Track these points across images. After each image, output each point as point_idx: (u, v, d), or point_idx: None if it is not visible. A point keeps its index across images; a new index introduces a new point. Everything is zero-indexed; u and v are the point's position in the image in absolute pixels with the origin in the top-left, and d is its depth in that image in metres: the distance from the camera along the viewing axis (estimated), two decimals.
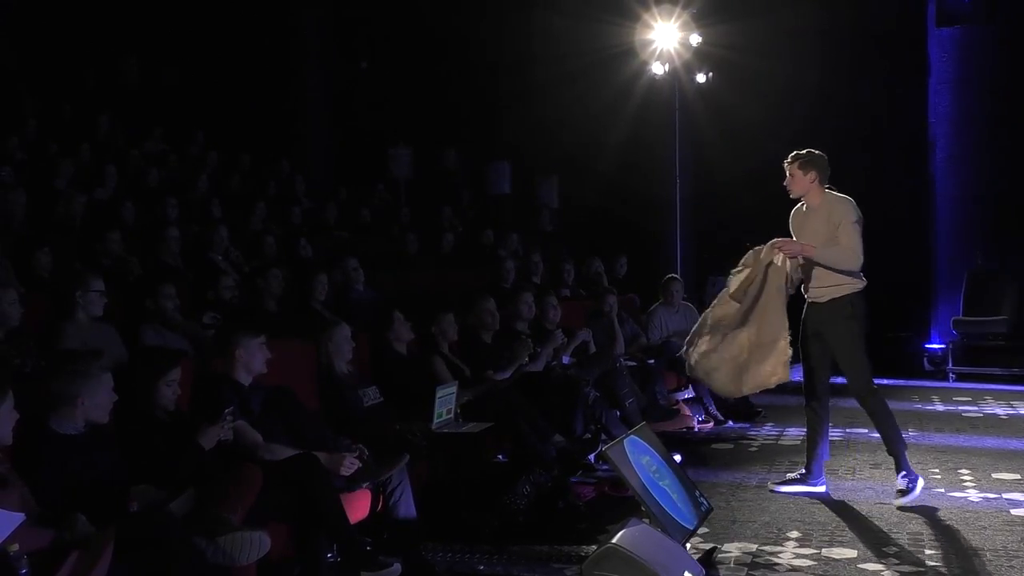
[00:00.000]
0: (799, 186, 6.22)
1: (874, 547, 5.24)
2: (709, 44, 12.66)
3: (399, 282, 9.43)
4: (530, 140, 13.95)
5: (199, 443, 4.42)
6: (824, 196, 6.18)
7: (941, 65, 12.94)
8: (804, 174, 6.16)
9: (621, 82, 12.99)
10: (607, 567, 4.41)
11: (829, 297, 6.08)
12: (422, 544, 5.19)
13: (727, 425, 9.09)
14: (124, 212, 8.99)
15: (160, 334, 6.11)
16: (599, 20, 12.65)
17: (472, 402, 6.52)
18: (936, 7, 12.96)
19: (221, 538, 3.94)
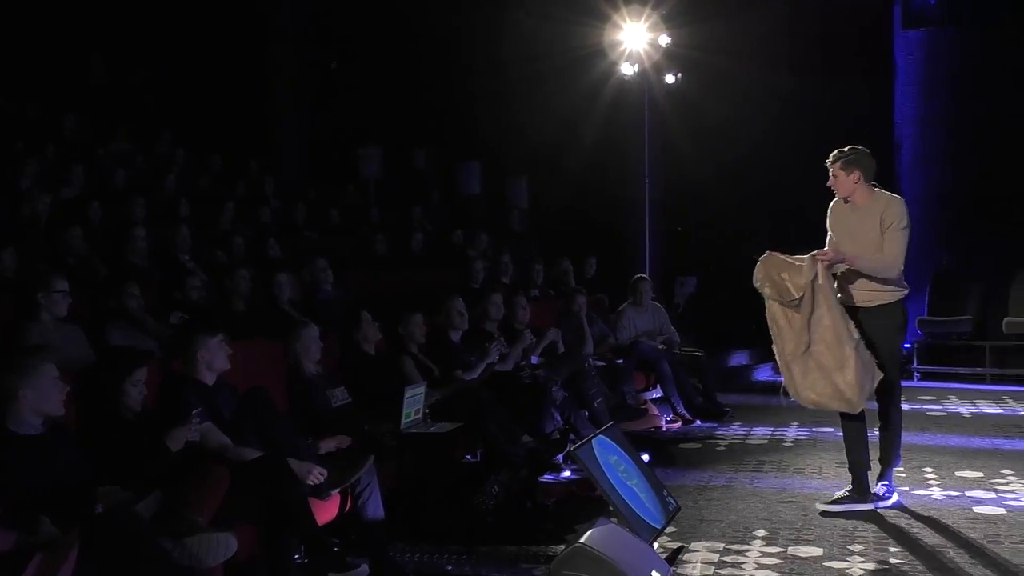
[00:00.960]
0: (844, 187, 5.92)
1: (840, 545, 5.28)
2: (678, 45, 12.71)
3: (368, 282, 9.40)
4: (500, 140, 13.97)
5: (166, 444, 4.39)
6: (873, 195, 5.93)
7: (907, 67, 13.06)
8: (847, 174, 5.87)
9: (591, 83, 13.01)
10: (575, 567, 4.42)
11: (878, 303, 5.86)
12: (390, 545, 5.18)
13: (695, 425, 9.12)
14: (91, 212, 8.92)
15: (127, 334, 6.07)
16: (569, 21, 12.66)
17: (441, 402, 6.50)
18: (902, 9, 13.09)
19: (188, 539, 3.92)
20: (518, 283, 10.05)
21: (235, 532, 4.12)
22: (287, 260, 9.16)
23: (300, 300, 7.90)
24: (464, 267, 10.07)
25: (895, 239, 5.81)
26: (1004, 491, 6.36)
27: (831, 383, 5.72)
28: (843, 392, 5.69)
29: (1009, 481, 6.62)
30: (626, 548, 4.58)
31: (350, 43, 15.15)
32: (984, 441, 8.02)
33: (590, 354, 8.76)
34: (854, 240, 5.88)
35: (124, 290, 6.38)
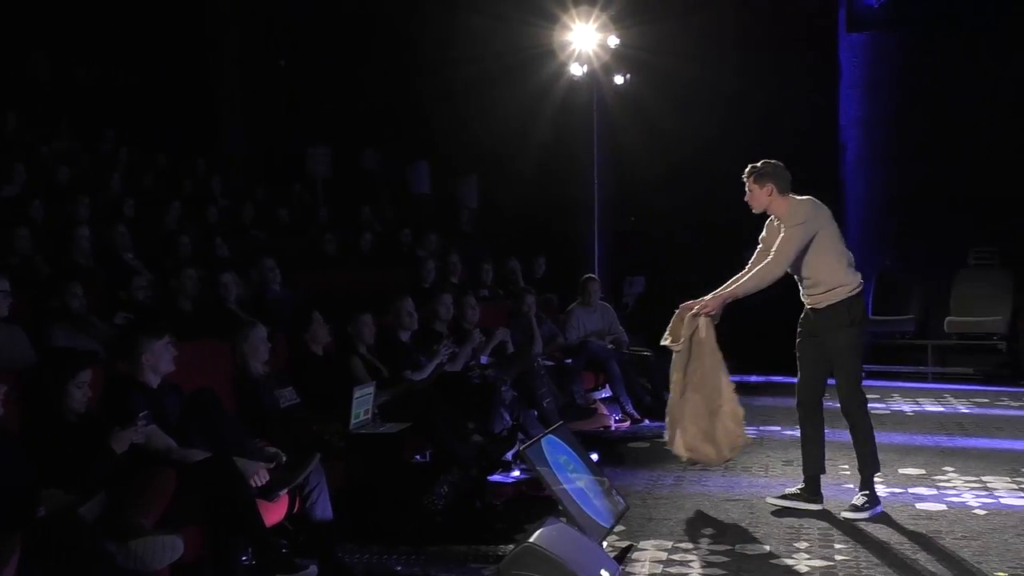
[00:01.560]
0: (758, 201, 5.92)
1: (786, 543, 5.33)
2: (627, 46, 12.77)
3: (317, 282, 9.35)
4: (450, 140, 13.94)
5: (110, 446, 4.33)
6: (788, 204, 5.87)
7: (852, 69, 13.21)
8: (760, 187, 5.86)
9: (540, 83, 13.03)
10: (525, 566, 4.42)
11: (827, 303, 5.81)
12: (339, 546, 5.16)
13: (643, 424, 9.16)
14: (33, 210, 8.78)
15: (70, 335, 5.99)
16: (518, 21, 12.67)
17: (390, 403, 6.49)
18: (847, 13, 13.23)
19: (133, 542, 3.88)
20: (467, 283, 10.05)
21: (181, 534, 4.08)
22: (235, 260, 9.09)
23: (248, 300, 7.84)
24: (414, 267, 10.05)
25: (785, 238, 5.76)
26: (945, 488, 6.46)
27: (700, 431, 5.92)
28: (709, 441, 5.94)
29: (950, 478, 6.73)
30: (575, 547, 4.59)
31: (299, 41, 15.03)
32: (926, 439, 8.15)
33: (539, 354, 8.77)
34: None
35: (67, 290, 6.30)
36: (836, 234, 5.88)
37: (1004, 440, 8.13)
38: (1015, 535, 5.39)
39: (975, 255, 12.41)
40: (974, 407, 9.92)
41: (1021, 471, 6.90)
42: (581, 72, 12.72)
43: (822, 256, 5.79)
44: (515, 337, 8.66)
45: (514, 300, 9.49)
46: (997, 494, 6.30)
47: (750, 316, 13.33)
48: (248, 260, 8.69)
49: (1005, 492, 6.34)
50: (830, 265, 5.80)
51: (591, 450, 6.25)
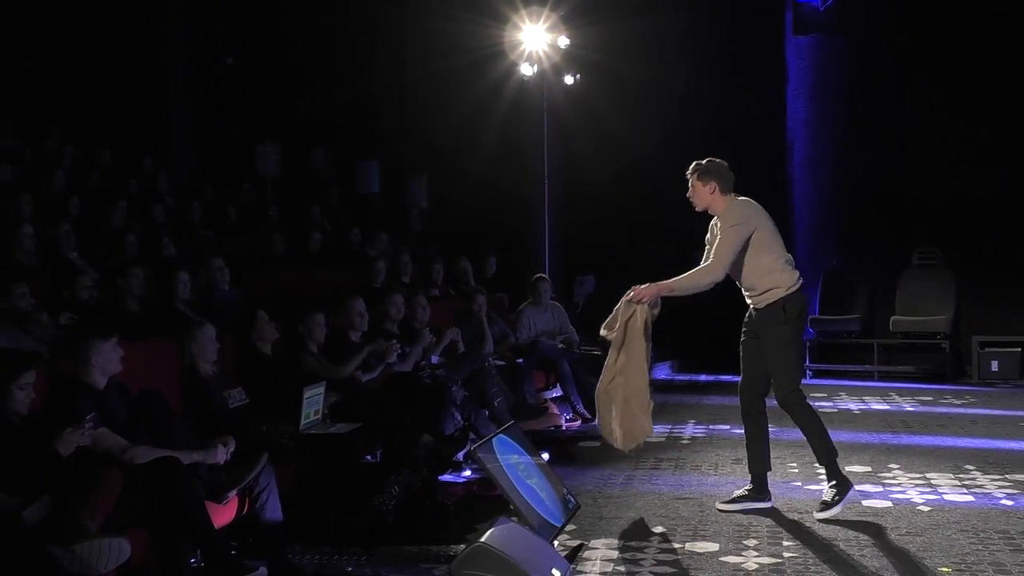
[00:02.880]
0: (700, 198, 5.89)
1: (735, 540, 5.37)
2: (577, 46, 12.82)
3: (266, 282, 9.28)
4: (400, 139, 13.92)
5: (55, 448, 4.26)
6: (726, 204, 5.86)
7: (798, 71, 13.36)
8: (703, 184, 5.84)
9: (491, 83, 13.04)
10: (476, 566, 4.42)
11: (766, 303, 5.81)
12: (289, 547, 5.12)
13: (594, 423, 9.15)
14: None
15: (13, 336, 5.88)
16: (468, 21, 12.67)
17: (340, 403, 6.46)
18: (793, 16, 13.38)
19: (78, 546, 3.81)
20: (418, 283, 10.03)
21: (128, 536, 4.02)
22: (183, 259, 8.99)
23: (196, 300, 7.76)
24: (364, 267, 10.01)
25: (721, 240, 5.76)
26: (891, 485, 6.55)
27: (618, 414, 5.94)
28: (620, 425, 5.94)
29: (895, 475, 6.83)
30: (526, 546, 4.60)
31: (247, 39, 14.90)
32: (872, 436, 8.26)
33: (490, 354, 8.77)
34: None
35: (12, 290, 6.18)
36: (772, 234, 5.86)
37: (947, 438, 8.26)
38: (958, 531, 5.47)
39: (919, 255, 12.61)
40: (919, 405, 10.08)
41: (964, 468, 7.01)
42: (531, 72, 12.75)
43: (759, 257, 5.78)
44: (466, 337, 8.65)
45: (465, 300, 9.48)
46: (941, 491, 6.40)
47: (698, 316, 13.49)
48: (196, 259, 8.60)
49: (948, 489, 6.44)
50: (766, 265, 5.79)
51: (542, 449, 6.26)
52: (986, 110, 12.19)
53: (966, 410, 9.80)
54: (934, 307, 12.32)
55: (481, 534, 4.57)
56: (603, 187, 13.26)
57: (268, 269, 10.04)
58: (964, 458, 7.35)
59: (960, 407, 10.00)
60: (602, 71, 12.99)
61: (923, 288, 12.37)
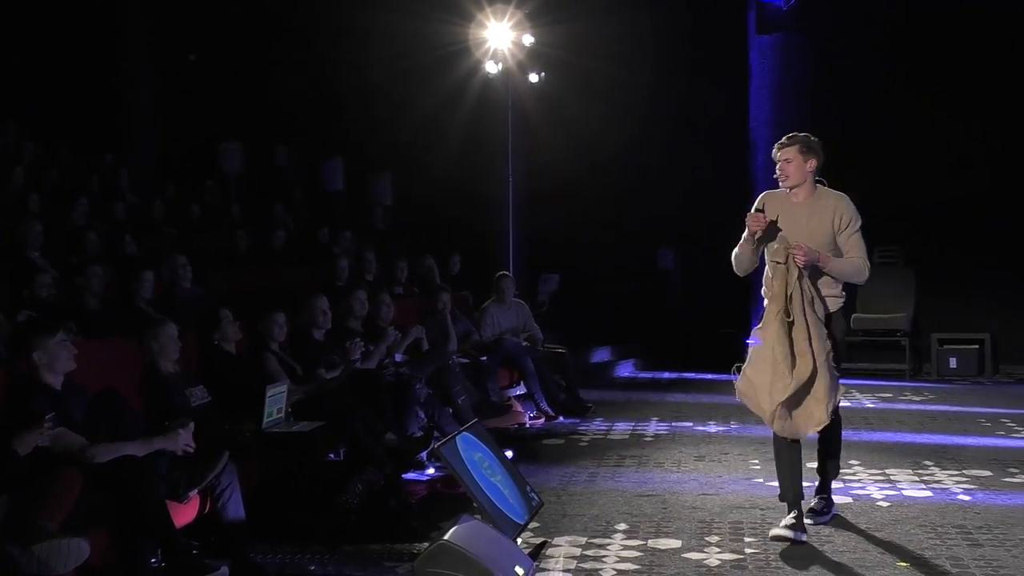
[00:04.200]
0: (797, 173, 5.26)
1: (697, 537, 5.39)
2: (542, 44, 12.84)
3: (229, 280, 9.22)
4: (364, 137, 13.88)
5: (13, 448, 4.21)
6: (819, 191, 5.31)
7: (761, 70, 13.43)
8: (805, 160, 5.23)
9: (456, 80, 13.03)
10: (439, 564, 4.41)
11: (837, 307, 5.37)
12: (251, 546, 5.09)
13: (558, 421, 9.21)
14: None
15: None
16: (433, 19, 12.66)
17: (304, 401, 6.43)
18: (756, 15, 13.45)
19: (36, 546, 3.77)
20: (382, 281, 10.01)
21: (88, 536, 3.98)
22: (145, 257, 8.91)
23: (158, 298, 7.70)
24: (328, 265, 9.97)
25: (858, 240, 5.28)
26: (851, 481, 6.61)
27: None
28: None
29: (855, 471, 6.89)
30: (490, 544, 4.60)
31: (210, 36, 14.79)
32: None
33: (454, 351, 8.77)
34: (799, 238, 5.15)
35: None
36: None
37: (907, 434, 8.36)
38: (917, 526, 5.53)
39: (880, 254, 12.69)
40: (879, 402, 10.18)
41: (923, 464, 7.09)
42: (496, 70, 12.74)
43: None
44: (430, 335, 8.63)
45: (429, 298, 9.47)
46: (900, 486, 6.47)
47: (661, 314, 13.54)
48: (158, 257, 8.53)
49: (908, 484, 6.51)
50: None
51: (506, 447, 6.25)
52: (947, 111, 12.33)
53: (925, 407, 9.91)
54: (894, 305, 12.44)
55: (445, 532, 4.57)
56: (568, 185, 13.29)
57: (231, 267, 9.98)
58: (923, 454, 7.43)
59: (919, 404, 10.11)
60: (567, 69, 13.02)
61: (883, 286, 12.45)
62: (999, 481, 6.58)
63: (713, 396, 10.54)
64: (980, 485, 6.47)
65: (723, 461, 7.30)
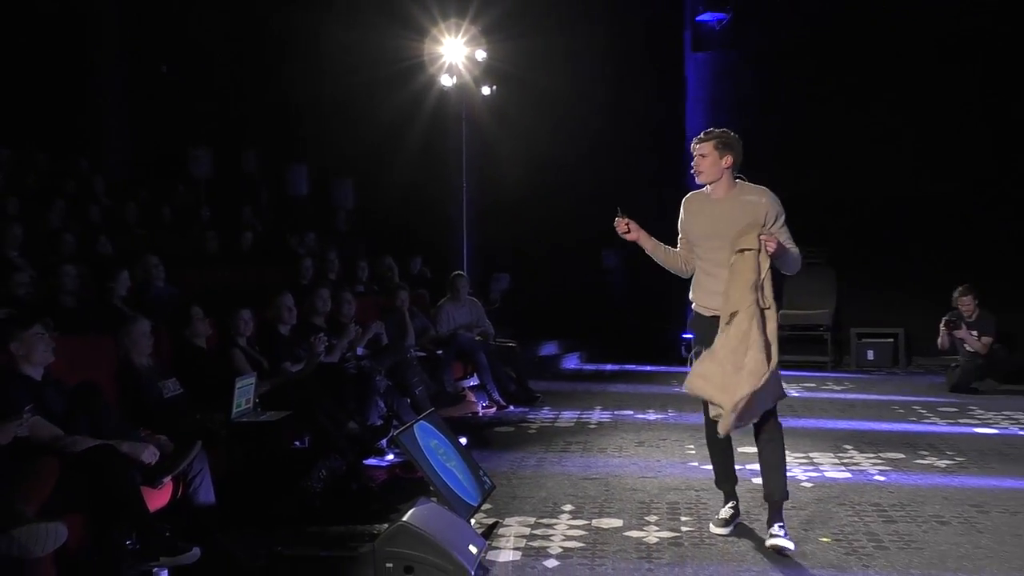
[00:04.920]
0: (712, 170, 4.88)
1: (637, 516, 5.44)
2: (494, 59, 12.86)
3: (199, 279, 9.12)
4: (327, 144, 13.81)
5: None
6: (739, 186, 4.91)
7: (697, 85, 13.53)
8: (720, 156, 4.86)
9: (413, 92, 13.02)
10: (398, 544, 4.41)
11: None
12: (222, 529, 5.05)
13: (508, 410, 9.23)
14: None
15: None
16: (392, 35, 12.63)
17: (271, 392, 6.40)
18: (692, 34, 13.55)
19: (15, 530, 3.72)
20: (344, 279, 9.96)
21: (65, 521, 3.93)
22: (119, 257, 8.79)
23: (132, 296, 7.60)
24: (292, 264, 9.91)
25: (788, 233, 4.92)
26: None
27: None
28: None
29: None
30: (445, 525, 4.60)
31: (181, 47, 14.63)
32: None
33: (412, 345, 8.76)
34: (723, 234, 4.80)
35: None
36: None
37: (828, 420, 8.47)
38: (837, 505, 5.62)
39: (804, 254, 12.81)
40: (803, 391, 10.31)
41: (843, 448, 7.20)
42: (451, 83, 12.74)
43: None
44: (389, 330, 8.62)
45: (388, 296, 9.44)
46: (822, 468, 6.56)
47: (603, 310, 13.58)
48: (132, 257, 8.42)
49: (829, 467, 6.60)
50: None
51: (460, 434, 6.27)
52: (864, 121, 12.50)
53: (845, 395, 10.05)
54: (817, 302, 12.59)
55: (403, 514, 4.57)
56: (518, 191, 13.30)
57: (201, 267, 9.86)
58: (843, 439, 7.54)
59: (840, 392, 10.25)
60: (517, 83, 13.05)
61: (807, 285, 12.60)
62: (911, 463, 6.70)
63: (652, 386, 10.62)
64: (894, 466, 6.58)
65: (661, 446, 7.36)
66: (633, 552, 4.84)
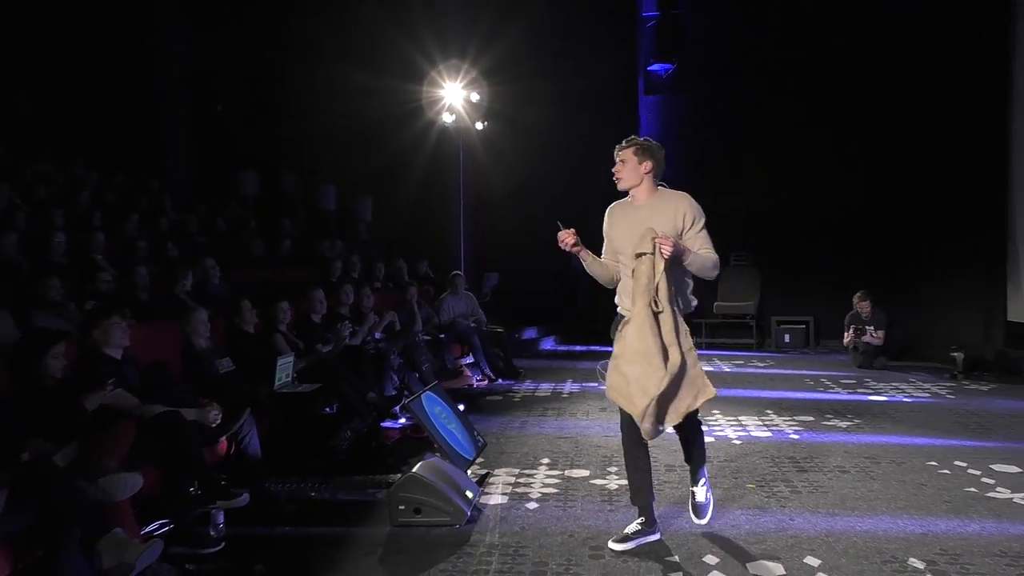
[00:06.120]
0: (632, 175, 4.03)
1: (601, 467, 5.46)
2: (486, 100, 12.89)
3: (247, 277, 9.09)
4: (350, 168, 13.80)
5: (82, 405, 4.14)
6: (660, 192, 4.07)
7: (649, 124, 13.55)
8: (640, 162, 4.02)
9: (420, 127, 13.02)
10: (409, 490, 4.42)
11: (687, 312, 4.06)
12: (267, 479, 5.06)
13: (497, 382, 9.24)
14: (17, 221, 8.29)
15: (48, 318, 5.70)
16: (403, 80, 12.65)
17: (305, 368, 6.39)
18: (644, 80, 13.56)
19: (101, 479, 3.72)
20: (364, 278, 9.94)
21: (141, 472, 3.93)
22: (182, 260, 8.76)
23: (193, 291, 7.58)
24: (323, 265, 9.89)
25: (706, 237, 4.03)
26: (713, 425, 6.72)
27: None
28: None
29: (717, 418, 7.00)
30: (447, 475, 4.62)
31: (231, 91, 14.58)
32: None
33: (419, 331, 8.76)
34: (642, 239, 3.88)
35: (46, 282, 5.98)
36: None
37: (753, 391, 8.51)
38: (760, 458, 5.65)
39: (735, 258, 12.91)
40: (734, 367, 10.35)
41: (765, 412, 7.23)
42: (451, 120, 12.74)
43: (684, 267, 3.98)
44: (401, 318, 8.62)
45: (400, 290, 9.44)
46: (748, 429, 6.59)
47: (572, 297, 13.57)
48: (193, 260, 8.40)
49: (754, 428, 6.64)
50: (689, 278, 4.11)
51: (458, 402, 6.27)
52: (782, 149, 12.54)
53: (766, 370, 10.09)
54: (745, 295, 12.64)
55: (413, 466, 4.58)
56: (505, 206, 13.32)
57: (249, 267, 9.83)
58: (765, 405, 7.58)
59: (763, 368, 10.29)
60: (505, 120, 13.08)
61: (737, 281, 12.67)
62: (819, 424, 6.74)
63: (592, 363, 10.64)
64: (805, 427, 6.62)
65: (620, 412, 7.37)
66: (598, 496, 4.86)
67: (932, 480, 5.07)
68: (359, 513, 4.70)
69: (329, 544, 4.19)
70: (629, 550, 4.05)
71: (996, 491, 4.84)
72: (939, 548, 3.98)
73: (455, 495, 4.44)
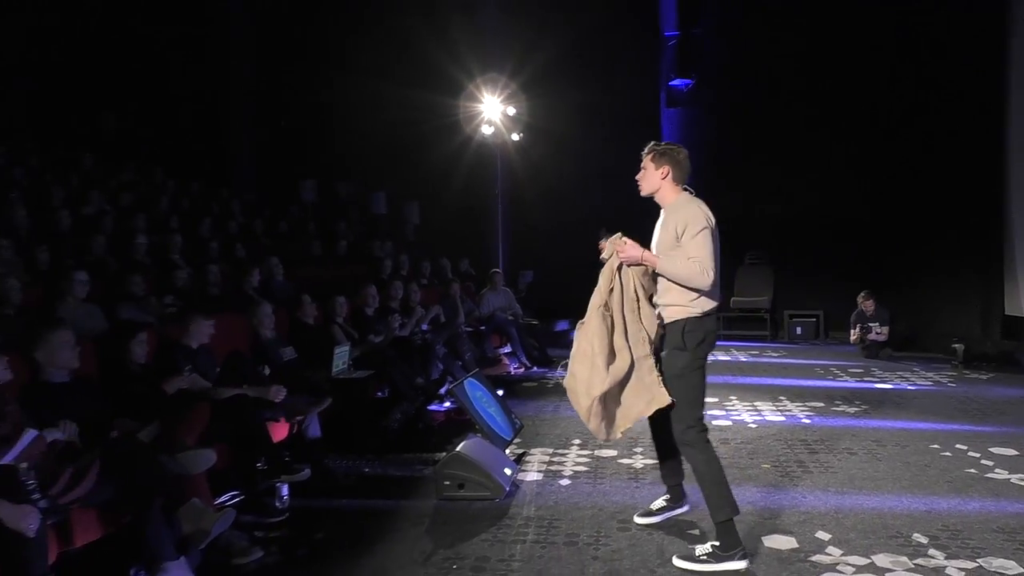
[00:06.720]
0: (650, 182, 3.72)
1: (628, 448, 5.44)
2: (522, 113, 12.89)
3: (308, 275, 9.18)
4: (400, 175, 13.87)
5: (163, 388, 4.22)
6: (678, 199, 3.68)
7: (671, 135, 13.44)
8: (656, 167, 3.71)
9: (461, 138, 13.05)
10: (453, 467, 4.45)
11: (669, 319, 3.60)
12: (325, 456, 5.11)
13: (533, 370, 9.24)
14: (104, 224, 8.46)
15: (132, 311, 5.81)
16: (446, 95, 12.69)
17: (360, 357, 6.44)
18: (666, 94, 13.45)
19: (179, 455, 3.79)
20: (412, 275, 9.99)
21: (214, 449, 3.99)
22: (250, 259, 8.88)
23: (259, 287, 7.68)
24: (375, 264, 9.96)
25: (696, 242, 3.52)
26: (731, 410, 6.67)
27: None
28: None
29: (734, 403, 6.95)
30: (487, 454, 4.64)
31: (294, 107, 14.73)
32: (719, 378, 8.35)
33: (462, 323, 8.79)
34: (657, 244, 3.69)
35: (130, 280, 6.10)
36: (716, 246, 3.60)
37: (768, 378, 8.43)
38: (775, 440, 5.59)
39: (750, 256, 12.77)
40: (750, 357, 10.24)
41: (779, 398, 7.16)
42: (489, 132, 12.76)
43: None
44: (446, 311, 8.65)
45: (444, 286, 9.47)
46: (763, 413, 6.53)
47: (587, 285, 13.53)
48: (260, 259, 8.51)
49: (769, 412, 6.57)
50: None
51: (497, 388, 6.29)
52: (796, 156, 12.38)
53: (780, 360, 9.98)
54: (760, 291, 12.50)
55: (456, 446, 4.60)
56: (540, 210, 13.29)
57: (309, 266, 9.93)
58: (778, 392, 7.50)
59: (776, 358, 10.18)
60: (537, 131, 13.07)
61: (752, 278, 12.53)
62: (829, 410, 6.66)
63: None
64: (816, 412, 6.55)
65: None
66: (624, 474, 4.85)
67: (935, 462, 4.98)
68: (408, 487, 4.73)
69: (381, 515, 4.23)
70: (654, 524, 4.02)
71: (995, 472, 4.74)
72: (941, 524, 3.92)
73: (495, 472, 4.46)
